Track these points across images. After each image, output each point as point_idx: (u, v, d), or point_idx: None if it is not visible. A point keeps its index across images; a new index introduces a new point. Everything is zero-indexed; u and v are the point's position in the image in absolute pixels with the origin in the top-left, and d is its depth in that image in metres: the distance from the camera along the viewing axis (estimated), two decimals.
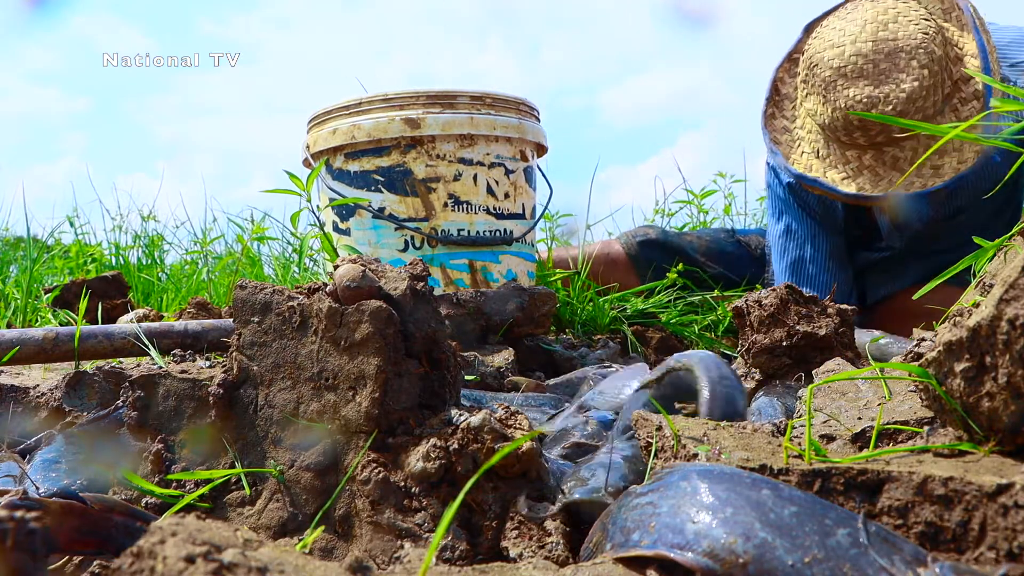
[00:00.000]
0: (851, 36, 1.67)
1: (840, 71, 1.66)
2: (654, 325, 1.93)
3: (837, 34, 1.69)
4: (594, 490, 0.72)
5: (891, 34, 1.64)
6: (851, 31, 1.67)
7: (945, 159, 1.64)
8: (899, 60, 1.62)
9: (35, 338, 1.20)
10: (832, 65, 1.67)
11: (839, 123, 1.68)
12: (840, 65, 1.66)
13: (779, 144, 1.83)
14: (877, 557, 0.51)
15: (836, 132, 1.70)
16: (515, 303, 1.56)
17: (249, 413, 0.83)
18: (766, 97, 1.88)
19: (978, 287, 0.78)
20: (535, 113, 1.85)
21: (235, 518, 0.81)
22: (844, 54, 1.66)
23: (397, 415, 0.78)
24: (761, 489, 0.57)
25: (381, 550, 0.72)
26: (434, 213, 1.68)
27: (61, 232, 2.94)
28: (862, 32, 1.66)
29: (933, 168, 1.64)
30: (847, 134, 1.69)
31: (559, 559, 0.67)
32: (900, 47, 1.62)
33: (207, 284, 2.33)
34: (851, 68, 1.65)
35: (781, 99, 1.87)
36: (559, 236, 2.68)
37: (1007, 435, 0.60)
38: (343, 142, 1.69)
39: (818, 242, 1.90)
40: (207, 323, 1.26)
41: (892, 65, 1.62)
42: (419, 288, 0.84)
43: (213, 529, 0.47)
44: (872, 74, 1.63)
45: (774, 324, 1.28)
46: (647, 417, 0.77)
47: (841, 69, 1.66)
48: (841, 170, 1.73)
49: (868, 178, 1.68)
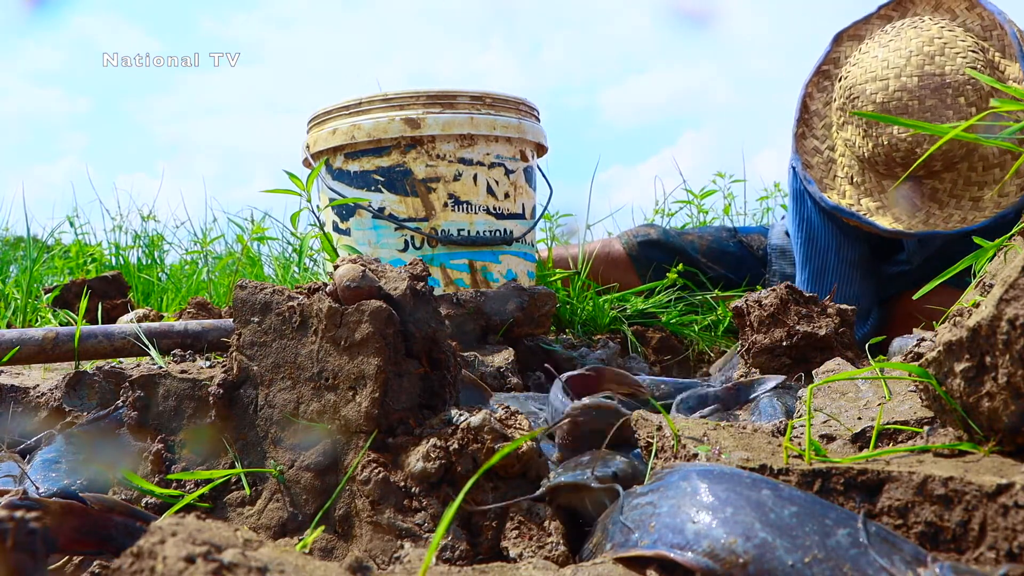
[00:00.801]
0: (895, 69, 1.59)
1: (883, 107, 1.59)
2: (654, 325, 1.93)
3: (879, 64, 1.62)
4: (579, 475, 0.72)
5: (938, 68, 1.56)
6: (895, 63, 1.60)
7: (985, 191, 1.59)
8: (946, 97, 1.55)
9: (35, 338, 1.20)
10: (875, 99, 1.60)
11: (881, 158, 1.63)
12: (884, 100, 1.59)
13: (811, 168, 1.76)
14: (877, 557, 0.51)
15: (876, 165, 1.65)
16: (515, 303, 1.56)
17: (249, 413, 0.83)
18: (796, 117, 1.80)
19: (978, 287, 0.78)
20: (535, 113, 1.85)
21: (235, 518, 0.81)
22: (888, 88, 1.59)
23: (397, 415, 0.78)
24: (761, 489, 0.57)
25: (381, 550, 0.72)
26: (434, 213, 1.68)
27: (61, 232, 2.94)
28: (907, 65, 1.58)
29: (972, 200, 1.59)
30: (887, 167, 1.64)
31: (559, 559, 0.67)
32: (947, 83, 1.55)
33: (207, 284, 2.33)
34: (895, 104, 1.57)
35: (810, 116, 1.80)
36: (559, 236, 2.68)
37: (1007, 435, 0.60)
38: (343, 142, 1.69)
39: (843, 253, 1.83)
40: (207, 323, 1.26)
41: (939, 102, 1.55)
42: (419, 288, 0.84)
43: (213, 529, 0.47)
44: (918, 111, 1.56)
45: (774, 324, 1.28)
46: (647, 417, 0.77)
47: (885, 104, 1.59)
48: (876, 199, 1.67)
49: (905, 209, 1.64)
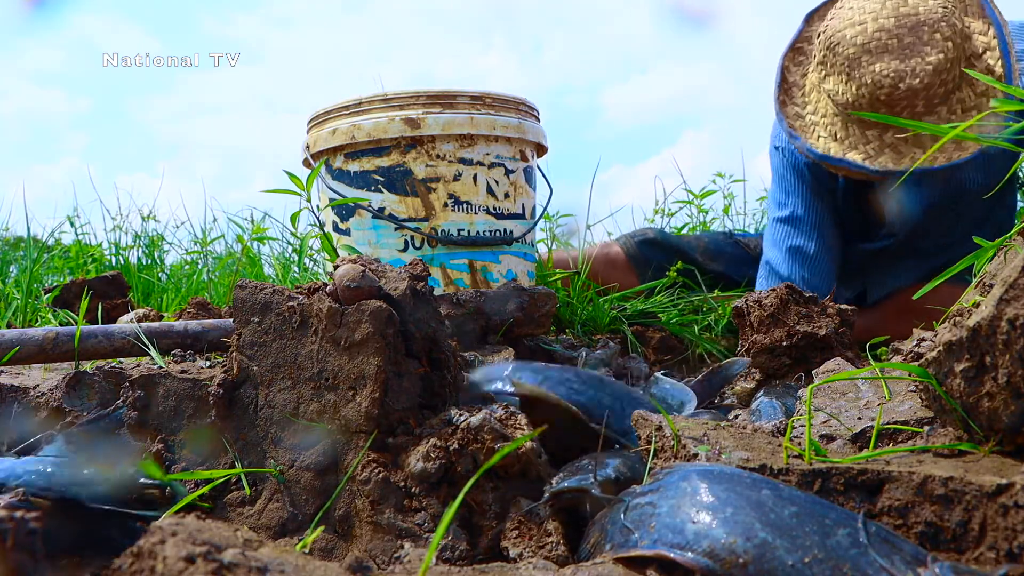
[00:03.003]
0: (872, 13, 1.67)
1: (864, 47, 1.65)
2: (654, 325, 1.93)
3: (856, 12, 1.69)
4: (582, 479, 0.72)
5: (912, 9, 1.64)
6: (871, 8, 1.67)
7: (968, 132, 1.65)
8: (923, 33, 1.62)
9: (35, 338, 1.20)
10: (856, 42, 1.66)
11: (864, 100, 1.68)
12: (864, 41, 1.65)
13: (796, 130, 1.83)
14: (877, 557, 0.51)
15: (861, 110, 1.70)
16: (515, 303, 1.56)
17: (249, 413, 0.83)
18: (776, 85, 1.88)
19: (978, 287, 0.78)
20: (535, 113, 1.85)
21: (235, 518, 0.81)
22: (867, 30, 1.66)
23: (397, 415, 0.78)
24: (761, 489, 0.57)
25: (381, 550, 0.72)
26: (434, 213, 1.68)
27: (61, 232, 2.94)
28: (883, 8, 1.66)
29: (955, 142, 1.65)
30: (872, 108, 1.69)
31: (559, 559, 0.67)
32: (923, 21, 1.63)
33: (207, 284, 2.33)
34: (875, 44, 1.64)
35: (789, 87, 1.88)
36: (559, 236, 2.68)
37: (1007, 435, 0.60)
38: (343, 142, 1.69)
39: (823, 230, 1.92)
40: (207, 323, 1.26)
41: (916, 39, 1.62)
42: (419, 288, 0.84)
43: (213, 529, 0.47)
44: (897, 48, 1.63)
45: (774, 324, 1.28)
46: (647, 417, 0.77)
47: (865, 45, 1.65)
48: (862, 150, 1.73)
49: (890, 156, 1.69)
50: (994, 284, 0.66)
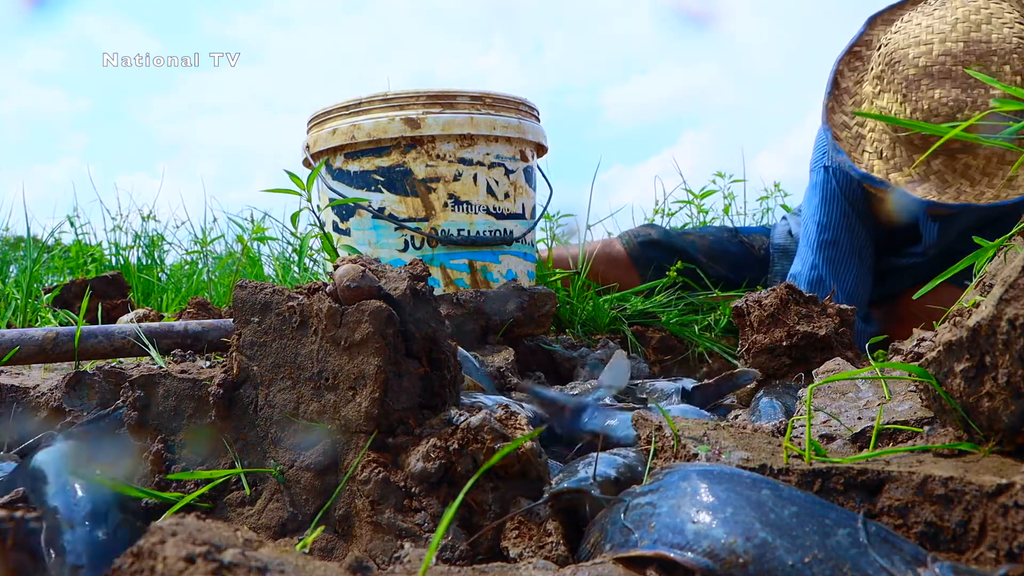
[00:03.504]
0: (940, 34, 1.57)
1: (926, 70, 1.56)
2: (654, 325, 1.93)
3: (923, 31, 1.60)
4: (581, 480, 0.72)
5: (984, 35, 1.55)
6: (940, 29, 1.58)
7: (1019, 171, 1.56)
8: (990, 64, 1.53)
9: (35, 338, 1.20)
10: (917, 63, 1.57)
11: None
12: (927, 64, 1.56)
13: (840, 141, 1.74)
14: (877, 557, 0.51)
15: (911, 136, 1.62)
16: (515, 303, 1.56)
17: (249, 413, 0.83)
18: (827, 91, 1.78)
19: (978, 287, 0.78)
20: (535, 113, 1.85)
21: (235, 518, 0.81)
22: (932, 52, 1.56)
23: (397, 415, 0.78)
24: (761, 489, 0.57)
25: (381, 550, 0.72)
26: (434, 213, 1.68)
27: (61, 232, 2.94)
28: (952, 31, 1.56)
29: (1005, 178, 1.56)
30: (922, 137, 1.60)
31: (559, 559, 0.67)
32: (993, 50, 1.53)
33: (207, 284, 2.33)
34: (938, 68, 1.55)
35: (840, 93, 1.78)
36: (559, 236, 2.68)
37: (1007, 435, 0.60)
38: (343, 142, 1.69)
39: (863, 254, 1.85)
40: (207, 323, 1.26)
41: (983, 69, 1.53)
42: (419, 288, 0.84)
43: (213, 529, 0.47)
44: (961, 76, 1.53)
45: (774, 324, 1.28)
46: (647, 417, 0.77)
47: (927, 68, 1.56)
48: (906, 174, 1.64)
49: (935, 184, 1.60)
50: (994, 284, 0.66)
